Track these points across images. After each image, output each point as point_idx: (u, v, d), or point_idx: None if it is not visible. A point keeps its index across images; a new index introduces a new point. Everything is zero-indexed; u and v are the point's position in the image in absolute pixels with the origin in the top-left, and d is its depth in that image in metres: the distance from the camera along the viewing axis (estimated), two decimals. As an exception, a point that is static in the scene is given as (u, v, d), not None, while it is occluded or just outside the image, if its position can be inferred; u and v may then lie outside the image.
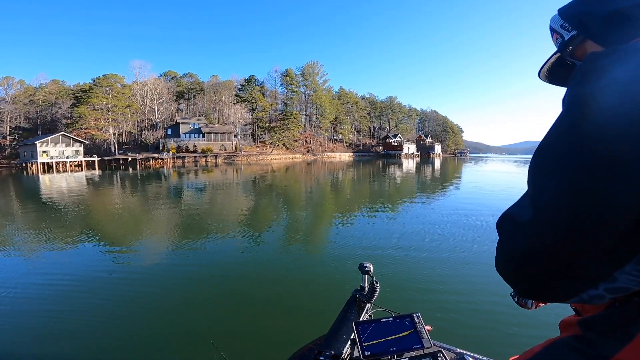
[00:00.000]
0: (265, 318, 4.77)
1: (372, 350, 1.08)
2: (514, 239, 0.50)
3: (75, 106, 55.94)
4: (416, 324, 1.18)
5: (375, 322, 1.18)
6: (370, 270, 1.53)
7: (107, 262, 7.23)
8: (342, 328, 1.37)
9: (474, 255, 7.61)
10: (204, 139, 61.80)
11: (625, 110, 0.40)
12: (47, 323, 4.63)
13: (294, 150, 74.68)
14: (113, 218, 12.38)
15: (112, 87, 57.17)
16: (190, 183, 26.32)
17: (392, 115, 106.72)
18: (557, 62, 0.70)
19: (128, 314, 4.90)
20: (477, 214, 12.97)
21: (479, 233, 9.61)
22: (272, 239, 9.45)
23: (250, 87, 74.53)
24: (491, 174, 38.55)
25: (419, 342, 1.13)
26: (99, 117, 55.87)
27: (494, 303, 5.21)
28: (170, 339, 4.22)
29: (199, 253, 7.86)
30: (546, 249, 0.45)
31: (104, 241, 9.02)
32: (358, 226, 10.73)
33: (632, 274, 0.43)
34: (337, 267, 6.86)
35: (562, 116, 0.48)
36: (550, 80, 0.75)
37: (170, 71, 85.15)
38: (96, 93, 55.10)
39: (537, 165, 0.49)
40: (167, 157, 51.01)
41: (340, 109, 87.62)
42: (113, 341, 4.20)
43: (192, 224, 11.17)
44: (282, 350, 2.02)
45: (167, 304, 5.24)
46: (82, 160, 46.34)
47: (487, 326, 4.57)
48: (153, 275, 6.49)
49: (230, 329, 4.55)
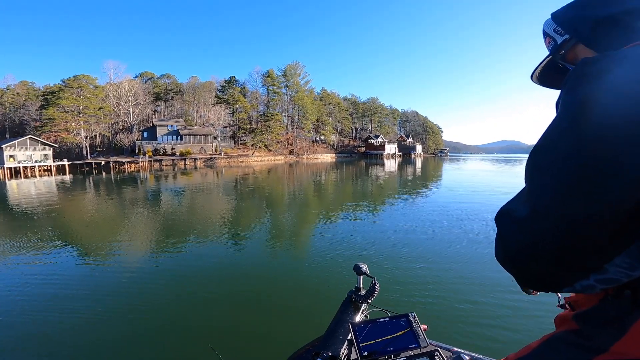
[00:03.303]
0: (261, 320, 4.77)
1: (369, 350, 1.09)
2: (511, 234, 0.51)
3: (44, 108, 53.12)
4: (412, 323, 1.19)
5: (372, 323, 1.19)
6: (365, 270, 1.51)
7: (87, 270, 6.90)
8: (338, 329, 1.36)
9: (466, 253, 7.51)
10: (183, 141, 60.09)
11: (618, 112, 0.41)
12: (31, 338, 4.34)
13: (276, 152, 73.89)
14: (89, 224, 11.64)
15: (83, 89, 54.64)
16: (170, 187, 25.36)
17: (374, 116, 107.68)
18: (548, 65, 0.72)
19: (119, 318, 4.81)
20: (466, 212, 12.96)
21: (471, 232, 9.55)
22: (263, 242, 9.14)
23: (230, 88, 73.09)
24: (473, 172, 39.37)
25: (415, 342, 1.13)
26: (70, 120, 53.27)
27: (489, 301, 5.15)
28: (166, 342, 4.21)
29: (186, 258, 7.57)
30: (541, 244, 0.46)
31: (81, 248, 8.46)
32: (348, 227, 10.54)
33: (621, 266, 0.44)
34: (330, 268, 6.76)
35: (558, 118, 0.49)
36: (542, 83, 0.77)
37: (146, 72, 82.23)
38: (66, 94, 52.53)
39: (535, 163, 0.50)
40: (143, 160, 49.08)
41: (322, 110, 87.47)
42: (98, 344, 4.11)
43: (178, 228, 10.70)
44: (279, 352, 1.92)
45: (163, 306, 5.16)
46: (52, 165, 44.01)
47: (483, 324, 4.52)
48: (144, 278, 6.30)
49: (226, 331, 4.48)
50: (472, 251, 7.66)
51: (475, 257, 7.17)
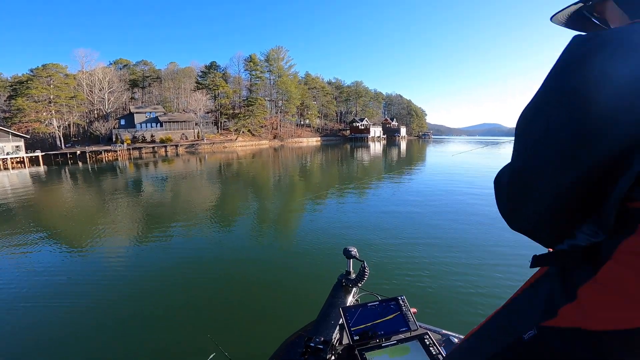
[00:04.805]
0: (252, 307, 4.78)
1: (360, 334, 1.11)
2: (499, 197, 0.55)
3: (12, 99, 50.36)
4: (402, 307, 1.21)
5: (362, 307, 1.21)
6: (355, 254, 1.51)
7: (69, 263, 6.66)
8: (330, 314, 1.37)
9: (453, 236, 7.55)
10: (163, 128, 58.17)
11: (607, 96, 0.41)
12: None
13: (260, 137, 72.76)
14: (67, 217, 11.17)
15: (53, 77, 51.83)
16: (151, 175, 24.68)
17: (359, 100, 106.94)
18: (575, 12, 0.69)
19: (110, 310, 4.72)
20: (453, 193, 13.07)
21: (457, 213, 9.59)
22: (251, 229, 8.98)
23: (211, 73, 70.68)
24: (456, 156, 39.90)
25: (405, 325, 1.15)
26: (40, 110, 50.70)
27: (477, 284, 5.17)
28: (159, 332, 4.18)
29: (173, 247, 7.39)
30: (521, 212, 0.50)
31: (60, 242, 8.12)
32: (335, 211, 10.50)
33: (587, 233, 0.47)
34: (319, 252, 6.73)
35: (544, 90, 0.49)
36: (564, 24, 0.74)
37: (121, 59, 77.98)
38: (35, 84, 49.73)
39: (518, 128, 0.51)
40: (121, 148, 47.38)
41: (306, 94, 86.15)
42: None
43: (163, 217, 10.44)
44: (272, 338, 1.86)
45: (153, 296, 5.11)
46: (24, 156, 41.98)
47: (471, 307, 4.54)
48: (132, 270, 6.15)
49: (219, 319, 4.52)
50: (459, 234, 7.72)
51: (462, 240, 7.23)
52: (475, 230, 7.96)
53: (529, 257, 0.51)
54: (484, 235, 7.47)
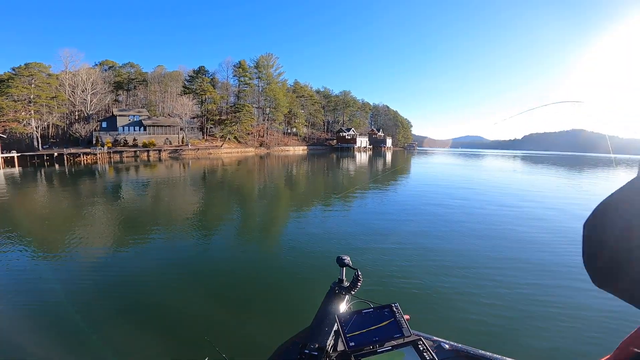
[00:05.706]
0: (246, 314, 4.76)
1: (355, 340, 1.12)
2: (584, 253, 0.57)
3: (-9, 97, 48.53)
4: (395, 313, 1.23)
5: (357, 314, 1.23)
6: (348, 262, 1.53)
7: (46, 268, 6.54)
8: (324, 320, 1.38)
9: (445, 245, 7.70)
10: (146, 132, 57.05)
11: None
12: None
13: (246, 144, 72.30)
14: (41, 220, 10.82)
15: (35, 77, 50.37)
16: (131, 179, 24.10)
17: (346, 109, 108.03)
18: None
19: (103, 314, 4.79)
20: (441, 203, 13.27)
21: (448, 223, 9.79)
22: (244, 238, 8.96)
23: (199, 78, 69.99)
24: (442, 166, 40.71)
25: (399, 331, 1.16)
26: (20, 109, 49.04)
27: (469, 292, 5.31)
28: (153, 336, 4.24)
29: (163, 255, 7.32)
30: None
31: (34, 247, 7.90)
32: (325, 219, 10.60)
33: None
34: (312, 260, 6.81)
35: None
36: None
37: (107, 60, 76.46)
38: (16, 83, 48.17)
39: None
40: (101, 151, 46.05)
41: (294, 102, 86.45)
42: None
43: (141, 223, 10.26)
44: (266, 345, 1.89)
45: (148, 301, 5.18)
46: (-1, 157, 40.36)
47: (463, 314, 4.66)
48: (131, 273, 6.23)
49: (213, 326, 4.50)
50: (451, 243, 7.90)
51: (454, 249, 7.42)
52: (469, 239, 8.20)
53: (516, 263, 0.60)
54: (474, 244, 7.73)
